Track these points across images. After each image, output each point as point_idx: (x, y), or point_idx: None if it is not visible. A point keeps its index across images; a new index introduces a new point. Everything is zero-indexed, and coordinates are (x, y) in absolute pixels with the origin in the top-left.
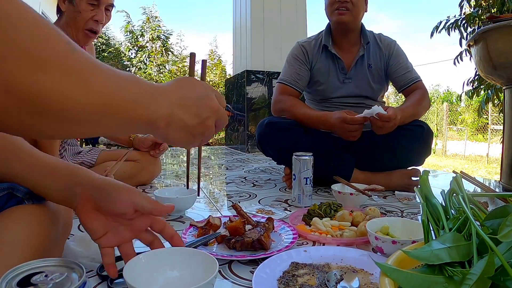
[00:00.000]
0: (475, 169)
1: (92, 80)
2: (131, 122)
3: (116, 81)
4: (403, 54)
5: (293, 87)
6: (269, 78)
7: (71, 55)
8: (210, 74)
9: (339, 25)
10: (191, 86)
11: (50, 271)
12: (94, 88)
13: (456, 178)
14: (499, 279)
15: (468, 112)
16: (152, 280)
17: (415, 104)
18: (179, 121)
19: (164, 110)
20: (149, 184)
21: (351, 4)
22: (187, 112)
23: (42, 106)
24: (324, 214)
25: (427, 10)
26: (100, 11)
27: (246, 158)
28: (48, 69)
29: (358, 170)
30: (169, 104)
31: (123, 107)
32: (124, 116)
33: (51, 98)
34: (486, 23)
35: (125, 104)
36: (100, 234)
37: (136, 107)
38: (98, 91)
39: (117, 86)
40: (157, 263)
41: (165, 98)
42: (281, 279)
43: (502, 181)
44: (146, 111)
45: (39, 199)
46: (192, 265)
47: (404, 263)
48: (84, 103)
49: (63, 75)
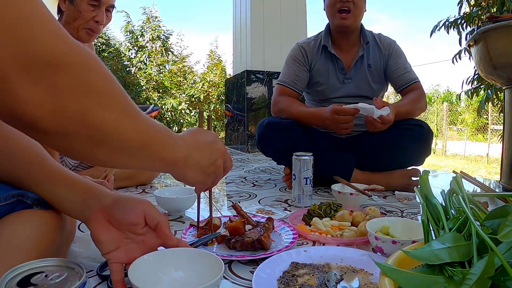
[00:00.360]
0: (475, 169)
1: (139, 119)
2: (159, 160)
3: (153, 124)
4: (402, 55)
5: (292, 89)
6: (269, 78)
7: (127, 98)
8: (210, 74)
9: (341, 28)
10: (201, 134)
11: (50, 271)
12: (142, 126)
13: (456, 178)
14: (499, 279)
15: (468, 112)
16: (157, 280)
17: (410, 103)
18: (194, 162)
19: (183, 152)
20: (149, 184)
21: (352, 4)
22: (201, 154)
23: (104, 137)
24: (324, 214)
25: (427, 10)
26: (100, 11)
27: (246, 158)
28: (113, 108)
29: (358, 170)
30: (186, 147)
31: (158, 147)
32: (156, 155)
33: (112, 131)
34: (486, 23)
35: (159, 144)
36: (111, 249)
37: (165, 148)
38: (144, 130)
39: (155, 128)
40: (162, 263)
41: (183, 142)
42: (281, 279)
43: (502, 181)
44: (171, 153)
45: (47, 206)
46: (197, 265)
47: (404, 263)
48: (134, 138)
49: (123, 114)
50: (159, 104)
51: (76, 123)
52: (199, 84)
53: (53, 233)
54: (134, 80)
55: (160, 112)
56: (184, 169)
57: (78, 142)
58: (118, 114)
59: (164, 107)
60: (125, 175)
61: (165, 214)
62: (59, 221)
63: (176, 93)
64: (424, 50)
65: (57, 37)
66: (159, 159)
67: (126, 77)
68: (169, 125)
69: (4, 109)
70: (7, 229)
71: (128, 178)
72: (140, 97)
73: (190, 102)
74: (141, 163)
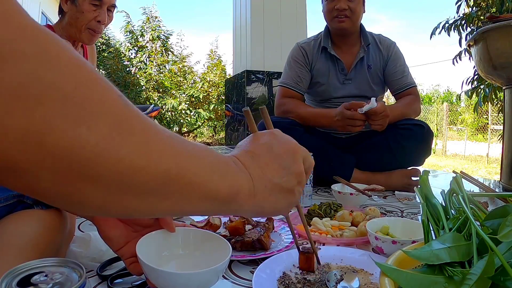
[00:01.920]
0: (475, 169)
1: (155, 141)
2: (204, 196)
3: (184, 145)
4: (401, 58)
5: (295, 90)
6: (269, 78)
7: (125, 109)
8: (210, 74)
9: (339, 31)
10: (259, 138)
11: (50, 271)
12: (158, 150)
13: (456, 178)
14: (499, 279)
15: (468, 112)
16: (163, 258)
17: (402, 107)
18: (266, 183)
19: (243, 178)
20: None
21: (349, 11)
22: (271, 168)
23: (86, 168)
24: (324, 214)
25: (427, 10)
26: (102, 11)
27: None
28: (95, 123)
29: (358, 170)
30: (246, 169)
31: (196, 176)
32: (196, 188)
33: (98, 159)
34: (486, 23)
35: (198, 171)
36: (121, 245)
37: (212, 175)
38: (164, 155)
39: (187, 150)
40: (170, 242)
41: (239, 164)
42: (281, 279)
43: (502, 181)
44: (224, 182)
45: (47, 205)
46: (205, 247)
47: (404, 263)
48: (143, 168)
49: (115, 131)
50: (159, 104)
51: (31, 147)
52: (199, 84)
53: (53, 233)
54: (134, 80)
55: (160, 112)
56: (252, 200)
57: (43, 181)
58: (104, 131)
59: (164, 107)
60: None
61: None
62: (59, 221)
63: (176, 93)
64: (424, 50)
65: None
66: (204, 194)
67: (126, 77)
68: (169, 125)
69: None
70: (8, 229)
71: None
72: (140, 97)
73: (190, 102)
74: (174, 205)
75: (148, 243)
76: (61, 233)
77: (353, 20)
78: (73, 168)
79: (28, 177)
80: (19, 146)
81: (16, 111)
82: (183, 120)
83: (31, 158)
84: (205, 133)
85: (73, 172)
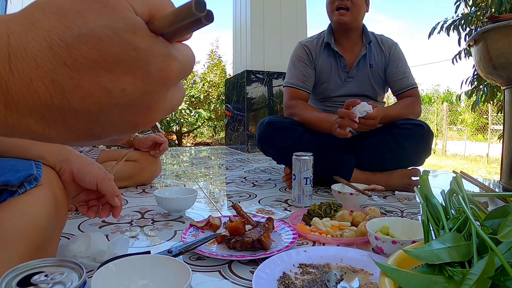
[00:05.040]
0: (475, 169)
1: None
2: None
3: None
4: (403, 58)
5: (302, 89)
6: (269, 78)
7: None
8: (210, 74)
9: (340, 25)
10: None
11: (50, 271)
12: None
13: (456, 178)
14: (499, 279)
15: (468, 112)
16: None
17: (401, 108)
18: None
19: None
20: (149, 184)
21: (350, 3)
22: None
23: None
24: (324, 214)
25: (427, 10)
26: None
27: (246, 158)
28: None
29: (358, 170)
30: None
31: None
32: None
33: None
34: (486, 23)
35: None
36: (74, 195)
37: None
38: None
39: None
40: (128, 271)
41: None
42: (281, 279)
43: (502, 181)
44: None
45: (31, 183)
46: (164, 273)
47: (404, 263)
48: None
49: None
50: None
51: None
52: (199, 84)
53: (42, 221)
54: None
55: None
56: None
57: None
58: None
59: None
60: (125, 175)
61: (165, 214)
62: (47, 208)
63: None
64: (424, 50)
65: None
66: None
67: None
68: (169, 125)
69: None
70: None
71: (128, 178)
72: None
73: (191, 102)
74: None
75: (105, 274)
76: (51, 220)
77: (353, 13)
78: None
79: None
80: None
81: None
82: (183, 120)
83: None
84: (205, 133)
85: None
